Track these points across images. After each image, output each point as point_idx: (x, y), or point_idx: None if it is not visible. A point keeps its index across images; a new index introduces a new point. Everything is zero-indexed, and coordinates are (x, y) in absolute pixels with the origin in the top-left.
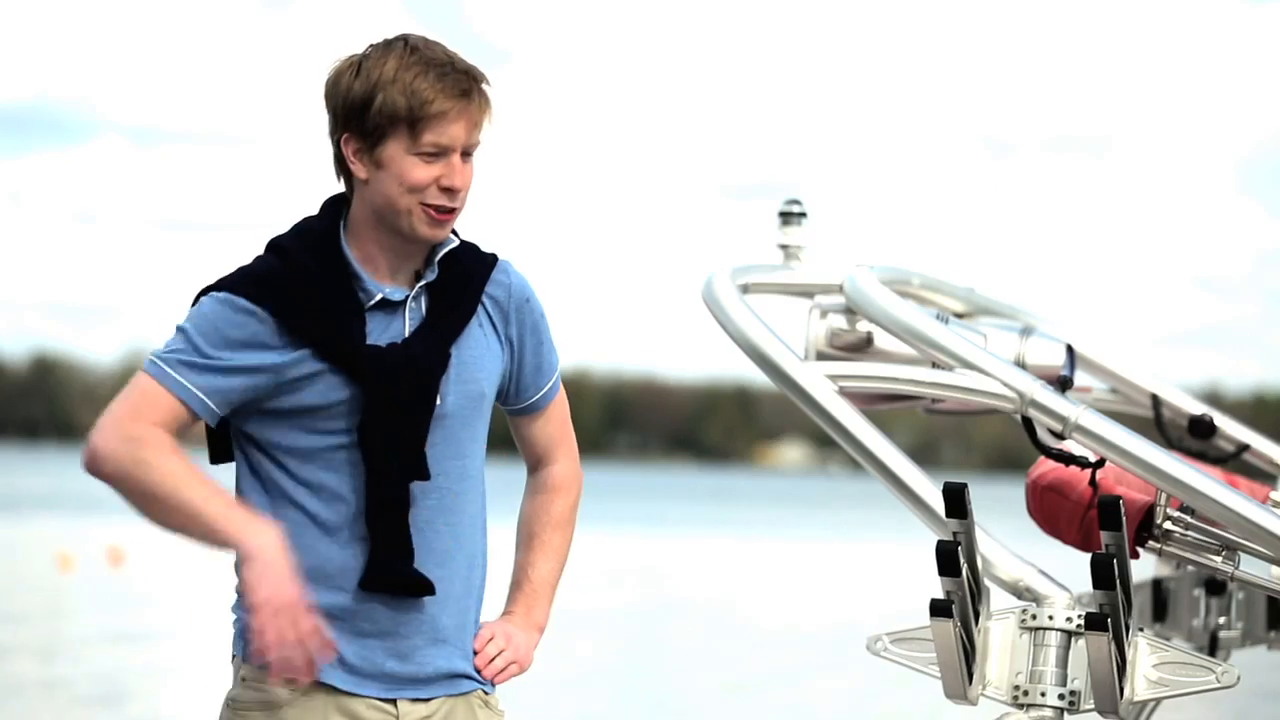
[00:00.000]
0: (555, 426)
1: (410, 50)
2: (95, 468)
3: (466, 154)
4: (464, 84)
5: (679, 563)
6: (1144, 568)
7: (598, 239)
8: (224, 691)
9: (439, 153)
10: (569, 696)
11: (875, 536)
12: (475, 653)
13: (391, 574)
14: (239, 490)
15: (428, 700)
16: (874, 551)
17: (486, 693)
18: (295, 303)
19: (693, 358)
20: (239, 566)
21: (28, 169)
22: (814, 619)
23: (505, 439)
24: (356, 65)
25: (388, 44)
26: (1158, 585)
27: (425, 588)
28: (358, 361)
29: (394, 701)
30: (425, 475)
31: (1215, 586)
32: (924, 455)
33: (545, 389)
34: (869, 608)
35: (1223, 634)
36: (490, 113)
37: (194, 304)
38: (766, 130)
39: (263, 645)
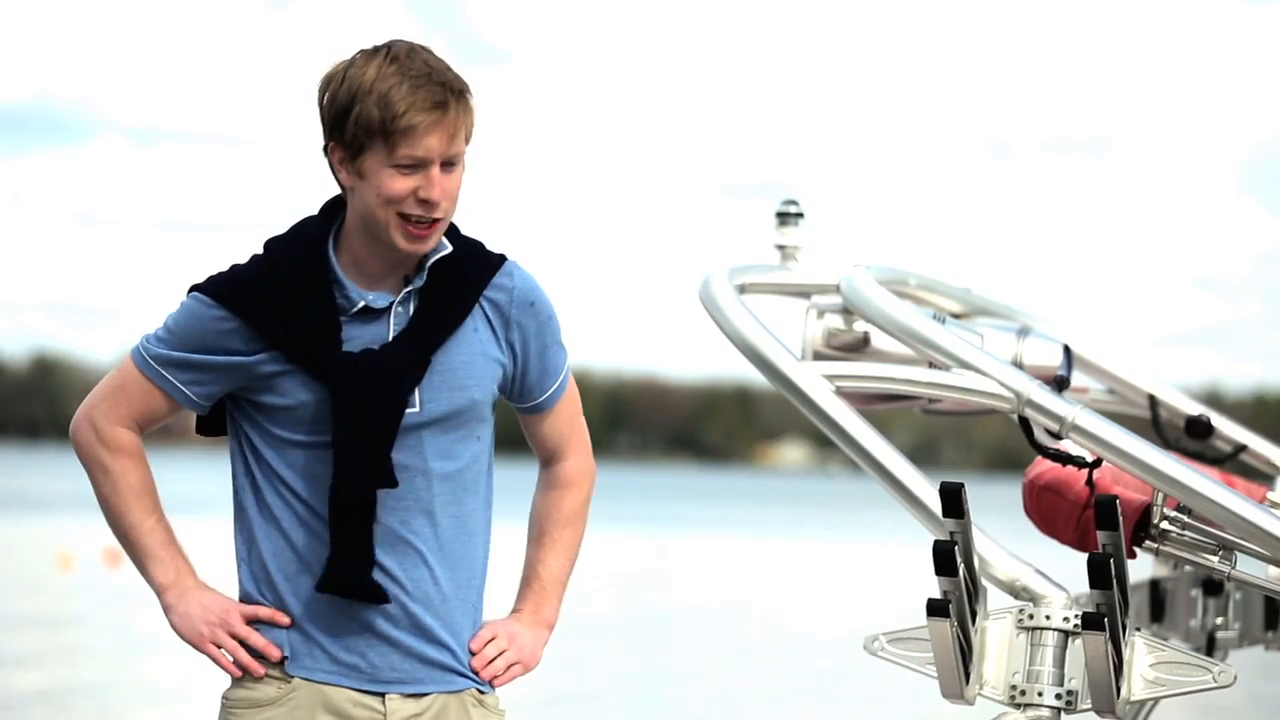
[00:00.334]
0: (564, 424)
1: (390, 60)
2: (73, 446)
3: (450, 164)
4: (439, 96)
5: (680, 563)
6: (1142, 568)
7: (598, 238)
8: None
9: (416, 165)
10: (571, 697)
11: (877, 537)
12: (473, 652)
13: (344, 578)
14: (233, 473)
15: (419, 697)
16: (876, 552)
17: (482, 692)
18: (269, 307)
19: (693, 358)
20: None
21: (28, 169)
22: (817, 619)
23: (508, 438)
24: (341, 74)
25: (373, 52)
26: (1155, 585)
27: (377, 595)
28: (326, 366)
29: (383, 697)
30: (391, 483)
31: (1212, 587)
32: (924, 455)
33: (551, 390)
34: (873, 608)
35: (1220, 634)
36: (471, 122)
37: (183, 298)
38: (767, 130)
39: (222, 667)
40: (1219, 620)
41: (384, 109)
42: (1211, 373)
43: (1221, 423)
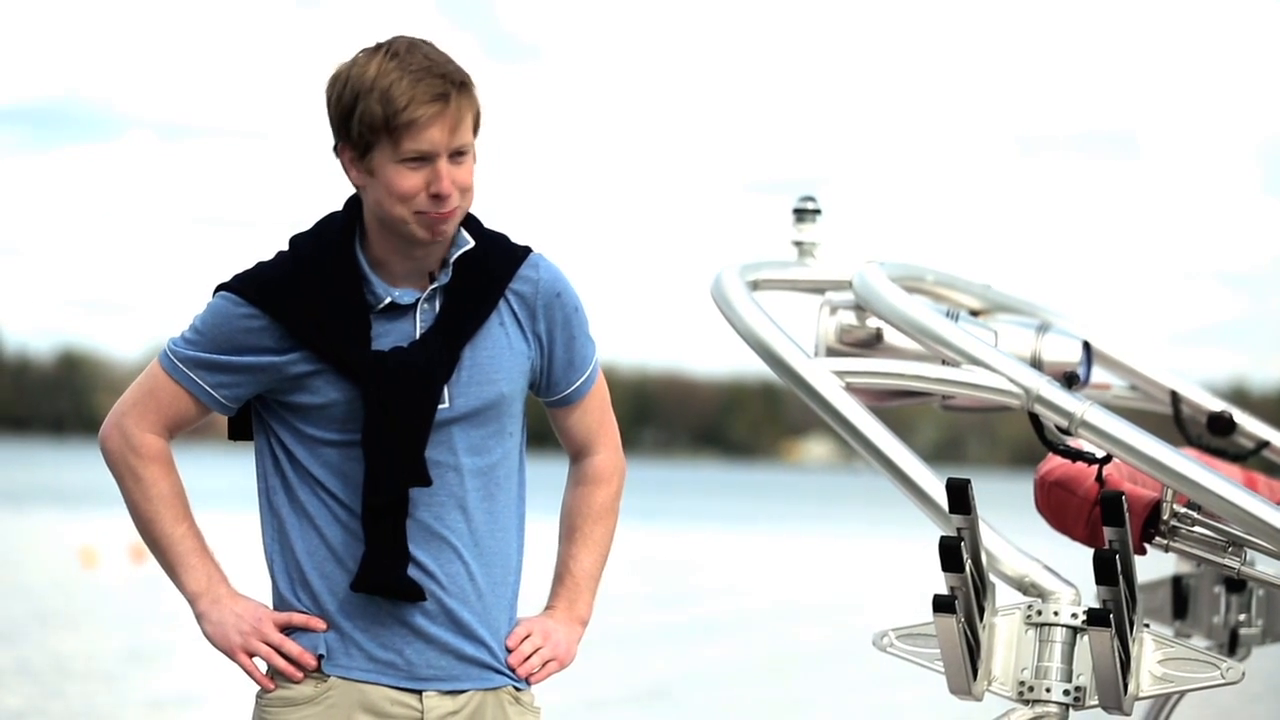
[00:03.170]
0: (593, 417)
1: (390, 56)
2: (102, 453)
3: (459, 154)
4: (439, 88)
5: (706, 558)
6: (1164, 564)
7: (624, 234)
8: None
9: (422, 159)
10: (597, 691)
11: (901, 532)
12: (509, 649)
13: (379, 578)
14: (260, 473)
15: (456, 694)
16: (899, 547)
17: (518, 689)
18: (298, 305)
19: (718, 353)
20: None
21: (55, 165)
22: (840, 614)
23: (536, 433)
24: (345, 74)
25: (374, 50)
26: (1178, 582)
27: (414, 594)
28: (357, 365)
29: (420, 695)
30: (425, 481)
31: (1235, 583)
32: (949, 451)
33: (578, 383)
34: (893, 604)
35: (1243, 631)
36: (476, 112)
37: (210, 298)
38: (793, 126)
39: (254, 679)
40: (1241, 617)
41: (385, 105)
42: (1236, 369)
43: (1244, 419)
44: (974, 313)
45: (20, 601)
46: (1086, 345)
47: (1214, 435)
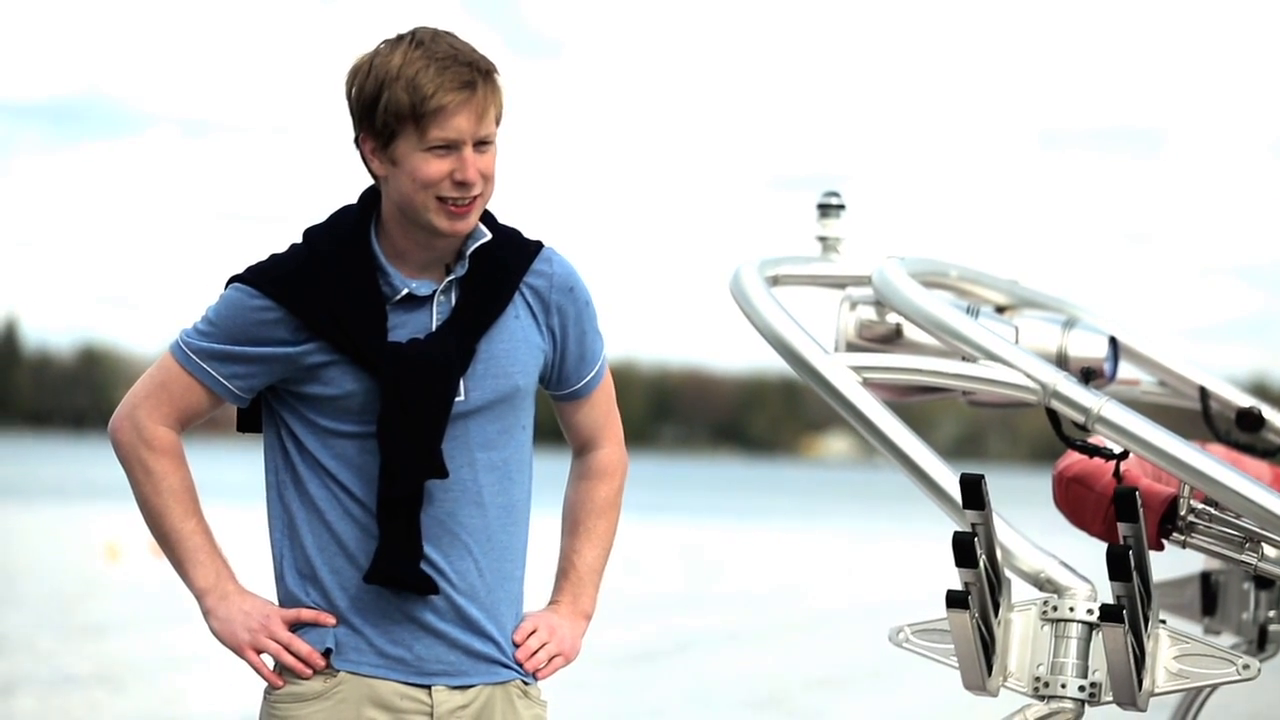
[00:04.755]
0: (600, 412)
1: (415, 45)
2: (113, 445)
3: (484, 143)
4: (466, 76)
5: (725, 554)
6: (1194, 561)
7: (646, 230)
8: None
9: (448, 146)
10: (611, 687)
11: (921, 528)
12: (516, 645)
13: (392, 571)
14: (270, 467)
15: (464, 689)
16: (919, 543)
17: (526, 683)
18: (313, 298)
19: (738, 349)
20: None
21: (78, 161)
22: (860, 610)
23: (545, 429)
24: (368, 64)
25: (397, 40)
26: (1206, 579)
27: (427, 586)
28: (373, 356)
29: (429, 689)
30: (442, 473)
31: (1265, 580)
32: (970, 447)
33: (588, 377)
34: (912, 599)
35: (1272, 627)
36: (500, 103)
37: (223, 290)
38: (816, 122)
39: (262, 676)
40: (1271, 613)
41: (412, 93)
42: (1257, 364)
43: (1272, 415)
44: (1000, 308)
45: (48, 599)
46: (1113, 341)
47: (1242, 431)
